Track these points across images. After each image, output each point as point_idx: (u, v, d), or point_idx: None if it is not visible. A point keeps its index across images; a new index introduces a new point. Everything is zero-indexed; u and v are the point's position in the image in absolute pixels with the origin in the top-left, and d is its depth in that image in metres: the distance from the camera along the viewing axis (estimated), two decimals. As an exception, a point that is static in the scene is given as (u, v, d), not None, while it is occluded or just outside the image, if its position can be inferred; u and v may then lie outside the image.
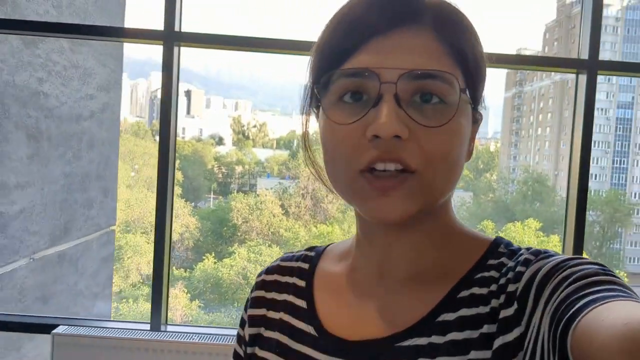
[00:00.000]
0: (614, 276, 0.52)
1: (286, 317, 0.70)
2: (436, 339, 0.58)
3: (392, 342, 0.60)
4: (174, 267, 25.34)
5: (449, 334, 0.58)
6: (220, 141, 42.66)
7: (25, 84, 4.68)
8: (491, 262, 0.61)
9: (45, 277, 5.16)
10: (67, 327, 2.52)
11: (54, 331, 2.44)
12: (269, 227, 25.84)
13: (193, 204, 31.26)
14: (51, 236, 5.23)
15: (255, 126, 44.12)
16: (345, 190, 0.60)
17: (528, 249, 0.60)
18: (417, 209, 0.57)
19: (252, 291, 0.76)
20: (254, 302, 0.74)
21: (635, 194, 39.07)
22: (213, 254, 24.13)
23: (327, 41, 0.60)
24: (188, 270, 24.95)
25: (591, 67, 2.57)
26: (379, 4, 0.58)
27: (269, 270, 0.77)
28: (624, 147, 40.90)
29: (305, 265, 0.74)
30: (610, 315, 0.43)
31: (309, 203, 27.26)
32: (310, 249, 0.77)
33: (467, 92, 0.58)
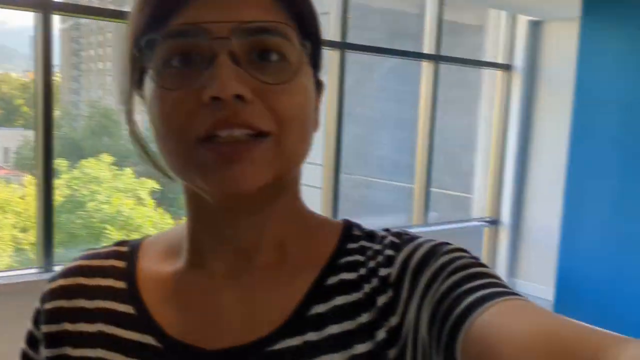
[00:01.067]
0: (485, 265, 0.51)
1: (108, 329, 0.57)
2: (312, 336, 0.53)
3: (260, 347, 0.53)
4: None
5: (326, 328, 0.53)
6: None
7: None
8: (351, 245, 0.58)
9: None
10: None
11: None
12: None
13: None
14: None
15: None
16: (181, 166, 0.51)
17: (385, 230, 0.58)
18: (273, 176, 0.50)
19: (43, 301, 0.61)
20: (49, 316, 0.59)
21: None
22: None
23: None
24: None
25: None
26: None
27: (67, 274, 0.62)
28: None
29: (121, 264, 0.61)
30: (514, 325, 0.42)
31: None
32: (121, 243, 0.64)
33: (307, 49, 0.53)
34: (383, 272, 0.54)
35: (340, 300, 0.54)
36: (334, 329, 0.52)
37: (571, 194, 4.24)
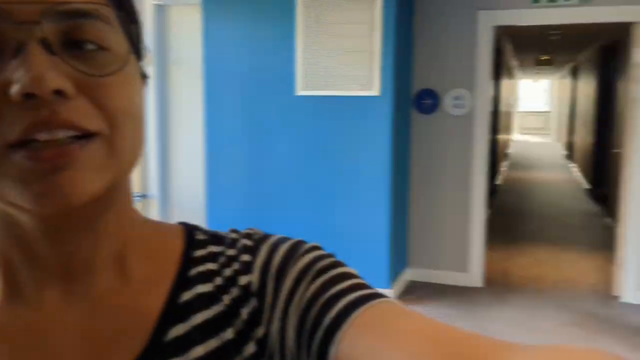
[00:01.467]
0: (343, 264, 0.51)
1: None
2: None
3: None
4: None
5: (189, 352, 0.47)
6: None
7: None
8: (199, 253, 0.52)
9: None
10: None
11: None
12: None
13: None
14: None
15: None
16: None
17: (233, 230, 0.55)
18: (107, 182, 0.43)
19: None
20: None
21: None
22: None
23: None
24: None
25: None
26: None
27: None
28: None
29: None
30: (397, 330, 0.42)
31: None
32: None
33: (133, 35, 0.47)
34: (243, 280, 0.51)
35: (199, 317, 0.49)
36: (198, 351, 0.48)
37: (210, 162, 4.78)
